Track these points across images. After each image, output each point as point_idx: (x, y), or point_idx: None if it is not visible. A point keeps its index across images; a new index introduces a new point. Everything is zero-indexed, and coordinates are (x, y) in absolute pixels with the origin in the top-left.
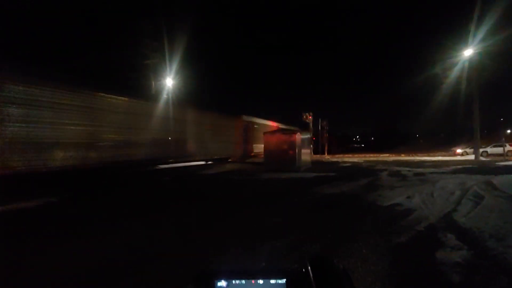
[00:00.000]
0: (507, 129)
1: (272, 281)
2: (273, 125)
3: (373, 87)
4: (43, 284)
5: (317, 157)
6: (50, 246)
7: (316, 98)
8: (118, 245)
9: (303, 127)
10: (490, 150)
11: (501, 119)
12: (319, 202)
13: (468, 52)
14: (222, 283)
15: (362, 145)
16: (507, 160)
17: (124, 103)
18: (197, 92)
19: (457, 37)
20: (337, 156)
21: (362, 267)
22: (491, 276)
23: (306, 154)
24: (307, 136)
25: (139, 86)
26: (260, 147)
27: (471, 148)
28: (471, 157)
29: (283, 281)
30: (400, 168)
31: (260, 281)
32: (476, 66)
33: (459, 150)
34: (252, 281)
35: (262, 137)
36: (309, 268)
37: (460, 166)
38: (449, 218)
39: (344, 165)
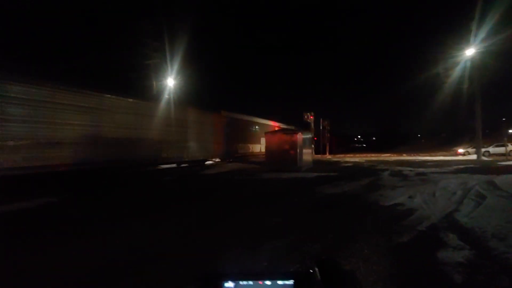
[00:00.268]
0: (509, 129)
1: (280, 282)
2: (267, 124)
3: (375, 87)
4: (44, 285)
5: (319, 157)
6: (50, 247)
7: (318, 98)
8: (118, 245)
9: (305, 127)
10: (492, 150)
11: (503, 119)
12: (321, 202)
13: (470, 52)
14: (230, 284)
15: (364, 145)
16: (509, 160)
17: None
18: (198, 92)
19: (459, 37)
20: (339, 156)
21: (364, 267)
22: (493, 276)
23: (308, 154)
24: (309, 136)
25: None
26: (247, 147)
27: (473, 148)
28: (473, 157)
29: (291, 282)
30: (402, 168)
31: (268, 282)
32: (478, 66)
33: (461, 150)
34: (260, 282)
35: (249, 136)
36: (316, 270)
37: (462, 166)
38: (451, 218)
39: (346, 165)
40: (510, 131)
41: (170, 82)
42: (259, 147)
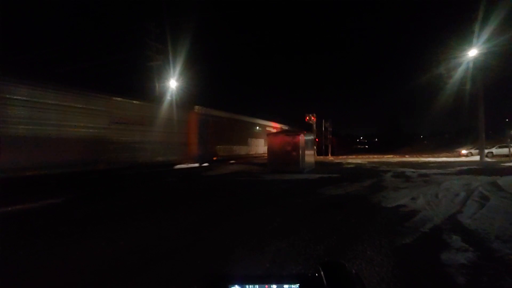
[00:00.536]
0: None
1: (286, 286)
2: (258, 123)
3: (377, 88)
4: (50, 285)
5: (321, 158)
6: (56, 247)
7: (320, 99)
8: (123, 246)
9: (307, 128)
10: (496, 151)
11: (507, 120)
12: (323, 203)
13: (473, 53)
14: None
15: (366, 146)
16: None
17: None
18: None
19: (462, 37)
20: (341, 157)
21: (367, 269)
22: (497, 278)
23: (310, 155)
24: (311, 137)
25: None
26: (230, 149)
27: (476, 149)
28: (476, 158)
29: (296, 286)
30: (404, 169)
31: (274, 286)
32: (481, 66)
33: (464, 151)
34: (266, 286)
35: (233, 136)
36: (322, 273)
37: (465, 167)
38: (454, 220)
39: (348, 166)
40: None
41: (173, 84)
42: (247, 149)
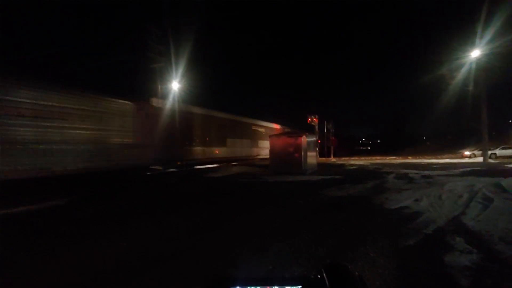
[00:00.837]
0: None
1: None
2: (244, 121)
3: (379, 89)
4: (52, 285)
5: (323, 160)
6: (58, 248)
7: (322, 100)
8: (125, 248)
9: (309, 130)
10: (499, 152)
11: (510, 121)
12: (326, 205)
13: (475, 54)
14: None
15: (368, 148)
16: None
17: None
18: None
19: (464, 38)
20: (343, 159)
21: (370, 271)
22: (501, 280)
23: (312, 157)
24: (313, 139)
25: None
26: (204, 151)
27: (479, 150)
28: (480, 160)
29: None
30: (407, 171)
31: None
32: (484, 68)
33: (467, 152)
34: None
35: (209, 136)
36: (325, 275)
37: (468, 169)
38: (458, 221)
39: (351, 168)
40: None
41: (175, 86)
42: (228, 151)
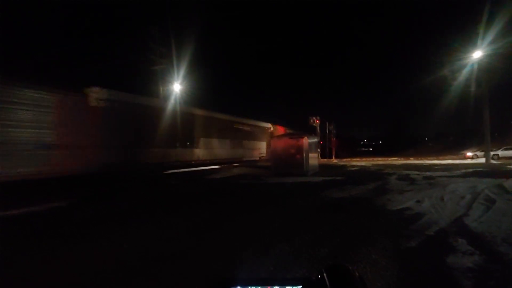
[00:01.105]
0: None
1: None
2: (221, 119)
3: (381, 90)
4: (53, 285)
5: (325, 161)
6: (59, 249)
7: (323, 102)
8: (127, 248)
9: (311, 131)
10: (501, 153)
11: None
12: (327, 206)
13: (477, 54)
14: None
15: (370, 149)
16: None
17: None
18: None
19: (466, 39)
20: (345, 160)
21: (372, 272)
22: (504, 282)
23: (314, 158)
24: (315, 140)
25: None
26: (162, 154)
27: (482, 151)
28: (482, 161)
29: None
30: (409, 172)
31: None
32: (486, 68)
33: (469, 153)
34: None
35: (169, 135)
36: (325, 276)
37: (471, 170)
38: (460, 223)
39: (352, 169)
40: None
41: (177, 87)
42: (200, 153)
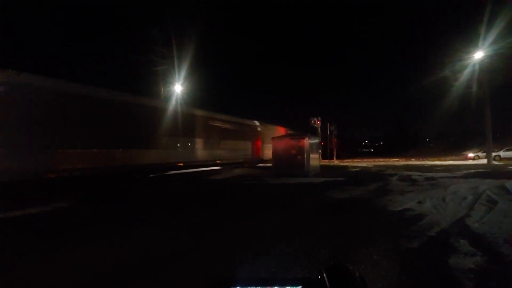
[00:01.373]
0: None
1: None
2: (191, 113)
3: (382, 91)
4: (53, 285)
5: (326, 162)
6: (60, 250)
7: (325, 102)
8: (128, 249)
9: (312, 132)
10: (503, 154)
11: None
12: (329, 207)
13: (479, 55)
14: None
15: (371, 150)
16: None
17: None
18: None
19: (467, 39)
20: (346, 161)
21: (373, 273)
22: (506, 283)
23: (315, 159)
24: (316, 141)
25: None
26: (93, 156)
27: (483, 152)
28: (483, 161)
29: None
30: (411, 173)
31: None
32: (487, 69)
33: (471, 154)
34: None
35: (112, 132)
36: (325, 276)
37: (472, 171)
38: (462, 223)
39: (353, 170)
40: None
41: (178, 88)
42: (156, 155)
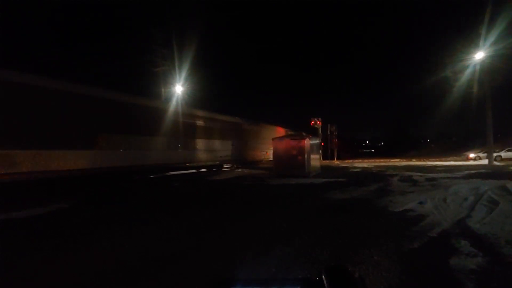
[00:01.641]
0: None
1: None
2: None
3: (383, 91)
4: (54, 285)
5: (327, 163)
6: (60, 250)
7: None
8: (128, 249)
9: (312, 133)
10: (504, 155)
11: None
12: (329, 208)
13: (479, 55)
14: None
15: (372, 150)
16: None
17: None
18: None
19: (468, 40)
20: (347, 162)
21: (374, 274)
22: (507, 284)
23: (316, 160)
24: (316, 142)
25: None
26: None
27: (484, 153)
28: (485, 162)
29: None
30: (411, 173)
31: None
32: (488, 69)
33: (472, 155)
34: None
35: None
36: (324, 277)
37: (473, 171)
38: (463, 224)
39: (354, 171)
40: None
41: (178, 89)
42: (106, 156)
